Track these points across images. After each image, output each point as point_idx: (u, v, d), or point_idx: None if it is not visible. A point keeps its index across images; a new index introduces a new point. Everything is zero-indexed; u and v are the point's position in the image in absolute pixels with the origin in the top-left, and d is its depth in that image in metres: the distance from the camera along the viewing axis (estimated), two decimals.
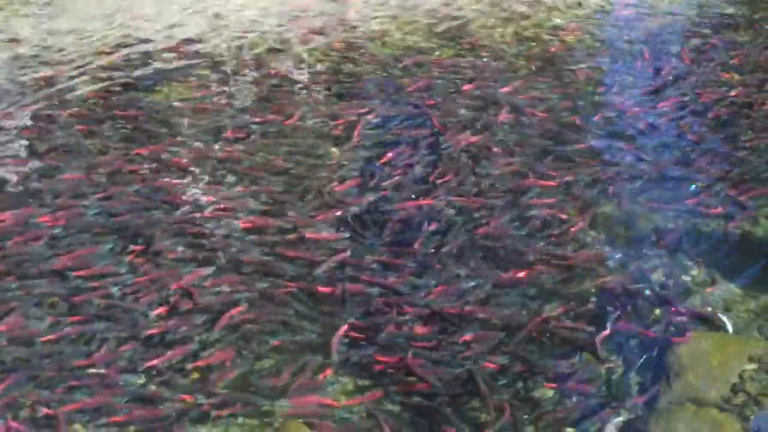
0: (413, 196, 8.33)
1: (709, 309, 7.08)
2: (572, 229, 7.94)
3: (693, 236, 7.92)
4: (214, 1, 12.84)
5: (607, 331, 6.85)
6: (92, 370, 6.57)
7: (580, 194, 8.41)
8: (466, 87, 10.23)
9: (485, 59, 11.02)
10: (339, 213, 8.15)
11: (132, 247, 7.72)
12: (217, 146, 9.19)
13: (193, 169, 8.81)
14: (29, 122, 9.70)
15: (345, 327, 6.86)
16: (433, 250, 7.69)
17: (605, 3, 12.78)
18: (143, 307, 7.11)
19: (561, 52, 11.19)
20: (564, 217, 8.09)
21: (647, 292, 7.28)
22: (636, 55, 11.13)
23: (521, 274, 7.41)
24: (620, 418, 6.22)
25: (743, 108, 9.82)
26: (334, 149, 9.15)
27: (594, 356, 6.69)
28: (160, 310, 7.09)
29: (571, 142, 9.20)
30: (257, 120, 9.67)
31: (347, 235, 7.91)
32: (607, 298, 7.22)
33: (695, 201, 8.34)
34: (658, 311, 7.08)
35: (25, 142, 9.33)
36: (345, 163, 8.93)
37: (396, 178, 8.60)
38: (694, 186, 8.55)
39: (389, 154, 8.92)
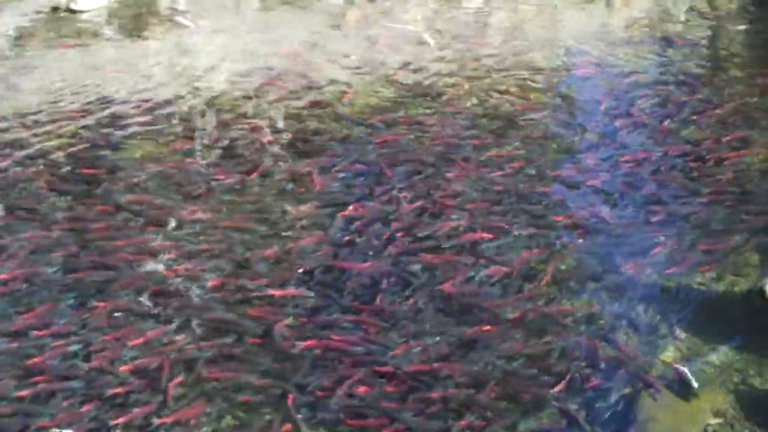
0: (374, 253, 8.36)
1: (674, 364, 7.09)
2: (536, 285, 7.98)
3: (656, 290, 7.97)
4: (183, 59, 12.89)
5: (571, 386, 6.87)
6: (56, 430, 6.49)
7: (543, 250, 8.46)
8: (430, 144, 10.29)
9: (450, 116, 11.09)
10: (301, 270, 8.16)
11: (94, 304, 7.69)
12: (182, 203, 9.17)
13: (157, 226, 8.80)
14: None
15: (291, 397, 6.78)
16: (396, 307, 7.70)
17: (569, 62, 12.92)
18: (106, 365, 7.04)
19: (524, 110, 11.26)
20: (527, 272, 8.13)
21: (612, 346, 7.31)
22: (598, 113, 11.23)
23: (486, 330, 7.42)
24: None
25: (705, 163, 9.94)
26: (297, 206, 9.15)
27: (560, 411, 6.68)
28: (124, 368, 7.04)
29: (534, 198, 9.27)
30: (222, 178, 9.67)
31: (310, 292, 7.91)
32: (573, 352, 7.23)
33: (657, 255, 8.40)
34: (622, 366, 7.09)
35: None
36: (307, 220, 8.94)
37: (357, 234, 8.64)
38: (656, 240, 8.63)
39: (350, 209, 8.97)
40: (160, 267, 8.18)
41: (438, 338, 7.37)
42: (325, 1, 14.74)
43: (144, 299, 7.80)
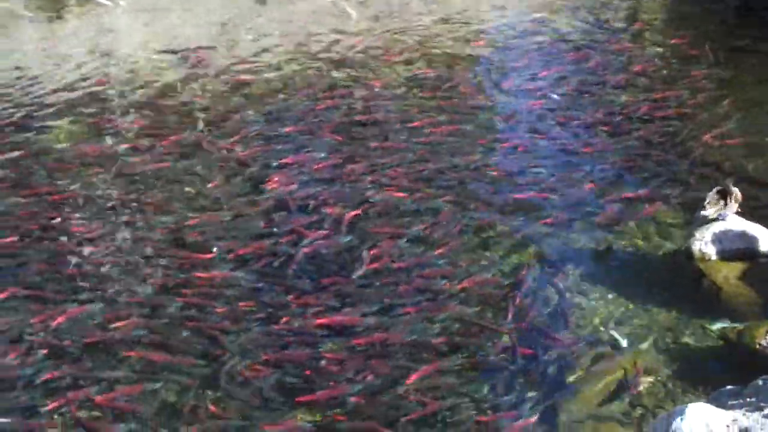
0: (299, 228, 8.32)
1: (603, 326, 7.16)
2: (461, 252, 8.03)
3: (584, 253, 8.03)
4: (104, 39, 12.73)
5: (502, 352, 6.93)
6: None
7: (469, 215, 8.51)
8: (356, 114, 10.30)
9: (377, 89, 11.06)
10: (228, 249, 8.09)
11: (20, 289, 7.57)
12: (105, 186, 9.05)
13: (80, 208, 8.68)
14: None
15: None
16: (337, 282, 7.68)
17: (492, 30, 12.98)
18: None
19: (449, 78, 11.31)
20: (451, 239, 8.17)
21: (545, 312, 7.35)
22: (524, 79, 11.34)
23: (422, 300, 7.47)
24: None
25: (632, 123, 10.09)
26: (219, 185, 9.08)
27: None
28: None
29: (461, 163, 9.34)
30: (143, 160, 9.52)
31: (241, 273, 7.83)
32: (502, 319, 7.25)
33: (587, 217, 8.47)
34: (553, 329, 7.14)
35: None
36: (230, 196, 8.89)
37: (282, 211, 8.60)
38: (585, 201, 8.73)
39: (275, 179, 8.98)
40: (84, 248, 8.07)
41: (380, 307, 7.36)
42: None
43: (65, 281, 7.69)
